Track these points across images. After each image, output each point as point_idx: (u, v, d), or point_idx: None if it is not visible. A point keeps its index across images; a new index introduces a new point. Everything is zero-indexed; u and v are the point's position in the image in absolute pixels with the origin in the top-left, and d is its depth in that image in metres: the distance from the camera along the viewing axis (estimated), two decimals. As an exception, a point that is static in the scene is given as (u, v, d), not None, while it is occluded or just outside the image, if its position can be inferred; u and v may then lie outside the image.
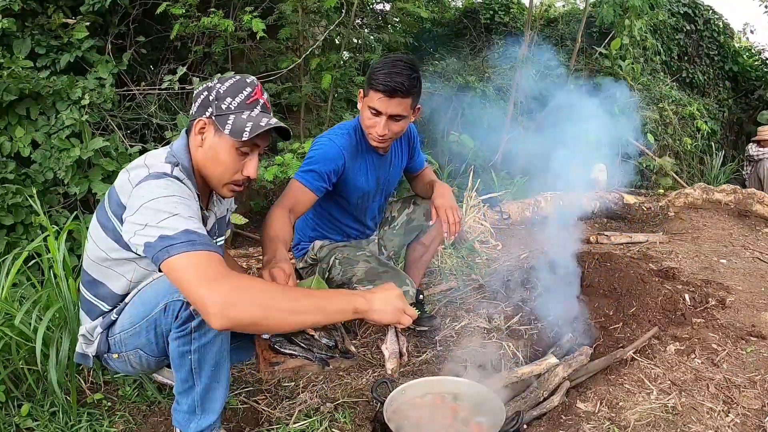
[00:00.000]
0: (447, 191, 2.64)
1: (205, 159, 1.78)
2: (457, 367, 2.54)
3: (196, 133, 1.78)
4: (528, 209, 5.21)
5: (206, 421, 1.84)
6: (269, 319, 1.48)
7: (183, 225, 1.54)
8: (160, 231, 1.52)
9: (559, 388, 2.32)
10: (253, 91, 1.77)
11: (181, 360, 1.71)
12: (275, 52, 4.56)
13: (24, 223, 3.34)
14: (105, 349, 1.83)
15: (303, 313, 1.54)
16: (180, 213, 1.57)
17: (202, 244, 1.52)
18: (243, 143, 1.73)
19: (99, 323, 1.84)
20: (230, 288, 1.44)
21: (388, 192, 2.82)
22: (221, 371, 1.78)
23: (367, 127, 2.40)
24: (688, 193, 5.81)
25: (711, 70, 7.92)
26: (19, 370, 2.19)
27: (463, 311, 3.14)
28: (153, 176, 1.66)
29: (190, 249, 1.49)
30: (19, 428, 2.06)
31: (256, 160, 1.80)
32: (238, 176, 1.79)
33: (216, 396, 1.81)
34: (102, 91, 3.59)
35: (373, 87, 2.28)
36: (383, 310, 1.66)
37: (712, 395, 2.36)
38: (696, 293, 3.25)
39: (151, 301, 1.70)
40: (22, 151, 3.40)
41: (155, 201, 1.58)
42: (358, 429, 2.13)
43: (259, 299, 1.47)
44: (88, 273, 1.84)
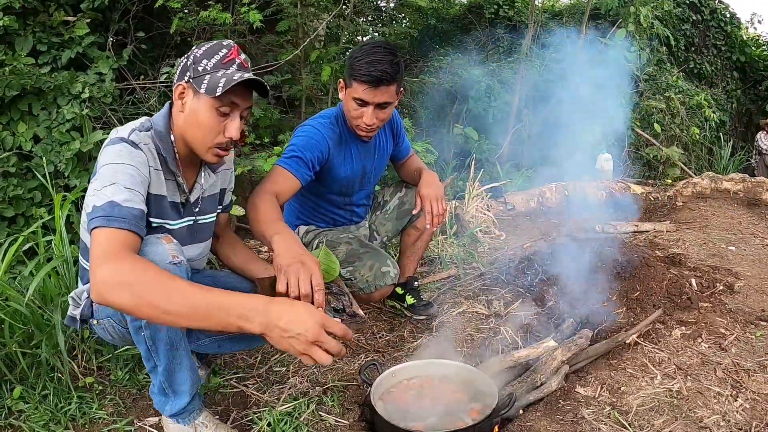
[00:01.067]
0: (434, 179, 2.59)
1: (186, 124, 1.76)
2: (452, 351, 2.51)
3: (176, 99, 1.77)
4: (533, 200, 5.17)
5: (179, 402, 1.83)
6: (140, 312, 1.40)
7: (111, 195, 1.54)
8: (95, 200, 1.55)
9: (557, 372, 2.28)
10: (229, 52, 1.75)
11: (137, 336, 1.70)
12: (275, 46, 4.56)
13: (25, 215, 3.37)
14: (89, 314, 1.82)
15: (174, 314, 1.37)
16: (117, 182, 1.57)
17: (118, 219, 1.51)
18: (220, 102, 1.70)
19: (86, 288, 1.83)
20: (113, 274, 1.39)
21: (375, 179, 2.79)
22: (179, 353, 1.74)
23: (353, 118, 2.36)
24: (696, 183, 5.73)
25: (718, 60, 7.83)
26: (13, 353, 2.19)
27: (462, 298, 3.11)
28: (111, 142, 1.67)
29: (103, 224, 1.50)
30: (11, 411, 2.06)
31: (238, 120, 1.76)
32: (221, 138, 1.75)
33: (181, 378, 1.79)
34: (102, 85, 3.61)
35: (357, 78, 2.24)
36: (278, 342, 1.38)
37: (719, 379, 2.31)
38: (703, 278, 3.20)
39: None
40: (24, 145, 3.43)
41: (103, 168, 1.61)
42: (346, 412, 2.10)
43: (136, 291, 1.37)
44: (82, 240, 1.85)
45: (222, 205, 2.12)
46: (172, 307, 1.36)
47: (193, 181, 1.92)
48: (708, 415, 2.08)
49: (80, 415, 2.07)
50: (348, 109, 2.36)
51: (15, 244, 2.42)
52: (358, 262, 2.46)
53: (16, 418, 2.04)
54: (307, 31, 4.48)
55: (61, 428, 1.99)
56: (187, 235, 1.90)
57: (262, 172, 3.57)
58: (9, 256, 2.39)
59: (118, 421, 2.04)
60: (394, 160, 2.85)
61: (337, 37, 5.04)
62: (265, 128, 4.31)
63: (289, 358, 2.50)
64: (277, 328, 1.36)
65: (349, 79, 2.28)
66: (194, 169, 1.92)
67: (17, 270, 2.75)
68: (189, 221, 1.92)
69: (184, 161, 1.85)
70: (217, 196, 2.04)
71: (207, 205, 1.98)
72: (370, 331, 2.79)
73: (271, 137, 4.26)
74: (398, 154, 2.81)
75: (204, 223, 1.98)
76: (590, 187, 5.41)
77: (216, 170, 2.00)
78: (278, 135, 4.18)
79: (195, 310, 1.36)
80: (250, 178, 4.12)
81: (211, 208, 2.02)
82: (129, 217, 1.54)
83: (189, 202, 1.89)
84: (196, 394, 1.87)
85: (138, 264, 1.44)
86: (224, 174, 2.07)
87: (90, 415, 2.07)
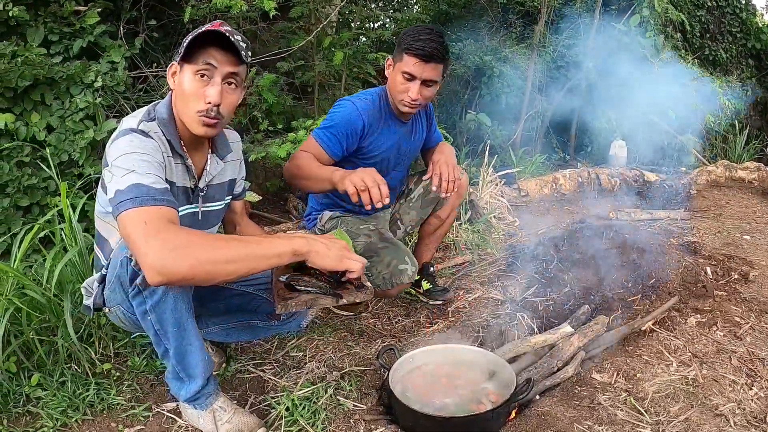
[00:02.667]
0: (448, 149, 2.61)
1: (176, 100, 1.76)
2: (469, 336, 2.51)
3: (169, 79, 1.78)
4: (546, 186, 5.14)
5: (193, 386, 1.84)
6: (203, 272, 1.47)
7: (135, 179, 1.55)
8: (116, 186, 1.55)
9: (574, 358, 2.28)
10: (211, 25, 1.70)
11: (144, 321, 1.72)
12: (288, 32, 4.54)
13: (40, 204, 3.38)
14: (101, 303, 1.84)
15: (238, 261, 1.51)
16: (136, 169, 1.57)
17: (150, 198, 1.53)
18: (196, 65, 1.68)
19: (97, 277, 1.85)
20: (164, 243, 1.44)
21: (408, 162, 2.79)
22: (188, 333, 1.76)
23: (399, 92, 2.40)
24: (710, 171, 5.68)
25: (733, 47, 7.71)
26: (30, 341, 2.20)
27: (477, 284, 3.11)
28: (121, 133, 1.67)
29: (135, 205, 1.50)
30: (29, 398, 2.08)
31: (218, 85, 1.71)
32: (202, 105, 1.71)
33: (193, 360, 1.81)
34: (115, 74, 3.61)
35: (410, 51, 2.31)
36: (325, 254, 1.66)
37: (734, 368, 2.31)
38: (718, 267, 3.18)
39: (117, 257, 1.70)
40: (37, 135, 3.44)
41: (118, 159, 1.60)
42: (363, 397, 2.11)
43: (192, 253, 1.45)
44: (97, 228, 1.88)
45: (234, 194, 2.12)
46: (234, 255, 1.51)
47: (201, 167, 1.92)
48: (723, 403, 2.07)
49: (98, 401, 2.08)
50: (395, 83, 2.41)
51: (30, 233, 2.43)
52: (375, 257, 2.44)
53: (34, 405, 2.05)
54: (319, 17, 4.45)
55: (79, 414, 2.01)
56: (192, 222, 1.90)
57: (275, 158, 3.56)
58: (25, 245, 2.40)
59: (136, 407, 2.06)
60: (424, 149, 2.84)
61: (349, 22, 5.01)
62: (278, 114, 4.30)
63: (305, 343, 2.51)
64: (320, 243, 1.66)
65: (401, 53, 2.35)
66: (202, 155, 1.92)
67: (33, 258, 2.77)
68: (193, 208, 1.92)
69: (189, 145, 1.84)
70: (225, 185, 2.04)
71: (214, 192, 1.98)
72: (386, 317, 2.79)
73: (284, 123, 4.25)
74: (429, 142, 2.80)
75: (208, 210, 1.98)
76: (604, 174, 5.37)
77: (224, 158, 1.98)
78: (291, 121, 4.16)
79: (254, 255, 1.54)
80: (264, 165, 4.13)
81: (219, 196, 2.01)
82: (158, 195, 1.55)
83: (197, 188, 1.90)
84: (210, 377, 1.88)
85: (182, 231, 1.50)
86: (233, 164, 2.07)
87: (108, 401, 2.08)
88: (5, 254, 2.81)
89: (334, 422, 1.96)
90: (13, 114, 3.40)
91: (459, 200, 2.84)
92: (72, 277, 2.35)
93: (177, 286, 1.65)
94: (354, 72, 4.76)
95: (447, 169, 2.46)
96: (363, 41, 4.96)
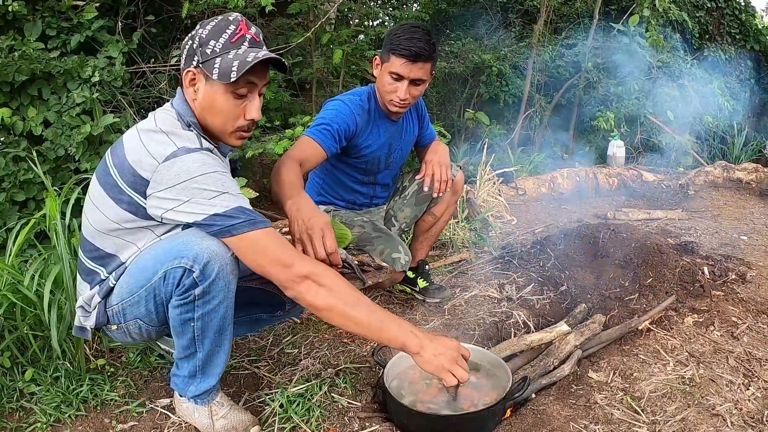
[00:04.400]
0: (441, 148, 2.60)
1: (203, 111, 1.69)
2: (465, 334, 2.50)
3: (187, 86, 1.69)
4: (544, 185, 5.14)
5: (206, 384, 1.83)
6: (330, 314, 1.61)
7: (234, 202, 1.56)
8: (211, 209, 1.54)
9: (570, 356, 2.27)
10: (237, 28, 1.64)
11: (183, 327, 1.68)
12: (286, 29, 4.53)
13: (36, 199, 3.36)
14: (104, 321, 1.77)
15: (361, 326, 1.64)
16: (230, 191, 1.57)
17: (260, 221, 1.58)
18: (236, 85, 1.63)
19: (97, 291, 1.77)
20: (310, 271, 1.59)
21: (401, 161, 2.78)
22: (224, 336, 1.75)
23: (387, 93, 2.39)
24: (708, 171, 5.68)
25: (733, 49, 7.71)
26: (24, 336, 2.19)
27: (474, 282, 3.10)
28: (183, 151, 1.58)
29: (253, 228, 1.56)
30: (23, 393, 2.07)
31: (257, 100, 1.70)
32: (242, 122, 1.69)
33: (218, 361, 1.80)
34: (112, 69, 3.59)
35: (396, 52, 2.30)
36: (429, 361, 1.68)
37: (731, 368, 2.31)
38: (715, 267, 3.18)
39: (149, 269, 1.63)
40: (34, 129, 3.43)
41: (198, 179, 1.54)
42: (358, 394, 2.10)
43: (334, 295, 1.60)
44: (91, 242, 1.76)
45: None
46: (359, 318, 1.62)
47: None
48: (720, 403, 2.07)
49: (92, 397, 2.07)
50: (383, 84, 2.39)
51: (26, 228, 2.41)
52: (369, 246, 2.45)
53: (27, 401, 2.04)
54: (318, 14, 4.44)
55: (72, 410, 1.99)
56: None
57: (273, 155, 3.55)
58: (20, 240, 2.38)
59: (129, 403, 2.05)
60: (419, 147, 2.83)
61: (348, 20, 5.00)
62: (275, 111, 4.29)
63: (301, 340, 2.51)
64: (431, 348, 1.67)
65: (387, 54, 2.33)
66: None
67: (28, 253, 2.75)
68: None
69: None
70: None
71: None
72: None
73: (281, 120, 4.25)
74: (423, 139, 2.80)
75: None
76: (602, 174, 5.37)
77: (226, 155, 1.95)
78: (289, 118, 4.16)
79: (377, 324, 1.65)
80: (261, 162, 4.12)
81: None
82: (264, 218, 1.60)
83: None
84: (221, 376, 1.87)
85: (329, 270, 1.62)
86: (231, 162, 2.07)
87: (101, 396, 2.07)
88: (0, 249, 2.79)
89: (329, 419, 1.95)
90: (10, 108, 3.38)
91: (455, 198, 2.83)
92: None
93: (232, 294, 1.68)
94: (352, 69, 4.75)
95: (440, 169, 2.47)
96: (362, 39, 4.95)
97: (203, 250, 1.56)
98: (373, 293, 2.98)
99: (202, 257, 1.56)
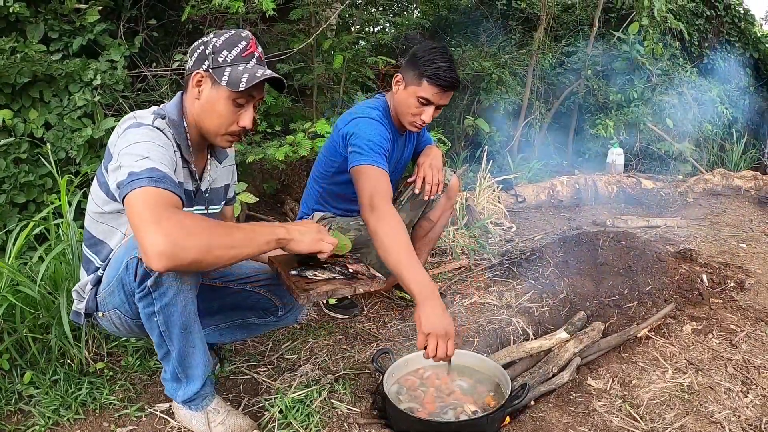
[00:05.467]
0: (434, 152, 2.63)
1: (202, 111, 1.80)
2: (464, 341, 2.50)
3: (193, 86, 1.79)
4: (543, 192, 5.15)
5: (192, 388, 1.84)
6: (209, 256, 1.50)
7: (151, 164, 1.56)
8: (129, 169, 1.54)
9: (569, 364, 2.27)
10: (248, 45, 1.79)
11: (149, 323, 1.71)
12: (287, 34, 4.54)
13: (36, 202, 3.37)
14: (93, 307, 1.84)
15: (238, 246, 1.57)
16: (150, 156, 1.58)
17: (167, 182, 1.54)
18: (239, 94, 1.75)
19: (90, 279, 1.84)
20: (174, 228, 1.44)
21: (401, 172, 2.80)
22: (193, 335, 1.76)
23: (411, 114, 2.41)
24: (707, 179, 5.69)
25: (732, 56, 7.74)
26: (23, 338, 2.19)
27: (473, 289, 3.10)
28: (133, 126, 1.69)
29: (151, 184, 1.51)
30: (21, 395, 2.07)
31: (252, 110, 1.81)
32: (234, 127, 1.81)
33: (195, 362, 1.81)
34: (114, 73, 3.60)
35: (431, 80, 2.31)
36: (301, 240, 1.73)
37: (730, 375, 2.31)
38: (714, 275, 3.19)
39: (119, 259, 1.70)
40: (35, 132, 3.44)
41: (132, 146, 1.61)
42: (358, 400, 2.10)
43: (201, 238, 1.48)
44: (88, 230, 1.87)
45: (226, 198, 2.15)
46: (235, 241, 1.57)
47: (201, 170, 1.95)
48: (719, 410, 2.07)
49: (90, 400, 2.07)
50: (407, 105, 2.40)
51: (26, 230, 2.43)
52: (365, 249, 2.47)
53: (26, 403, 2.05)
54: (319, 20, 4.45)
55: (71, 413, 2.00)
56: None
57: (273, 160, 3.55)
58: (20, 242, 2.39)
59: (128, 407, 2.05)
60: (414, 152, 2.83)
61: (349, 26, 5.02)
62: (276, 116, 4.30)
63: (300, 345, 2.50)
64: (296, 231, 1.73)
65: (419, 79, 2.34)
66: (202, 159, 1.95)
67: (28, 256, 2.76)
68: (201, 210, 1.95)
69: (194, 149, 1.87)
70: (221, 190, 2.08)
71: (214, 196, 2.03)
72: (381, 320, 2.79)
73: (282, 125, 4.25)
74: (419, 146, 2.81)
75: (213, 213, 2.02)
76: (601, 181, 5.38)
77: (222, 162, 2.03)
78: (289, 123, 4.16)
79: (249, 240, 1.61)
80: (261, 166, 4.12)
81: (217, 200, 2.06)
82: (173, 184, 1.57)
83: (200, 190, 1.92)
84: (207, 379, 1.88)
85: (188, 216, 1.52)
86: (227, 169, 2.11)
87: (100, 400, 2.07)
88: (0, 250, 2.80)
89: (328, 425, 1.95)
90: (11, 110, 3.39)
91: (450, 203, 2.84)
92: (66, 274, 2.34)
93: (187, 287, 1.66)
94: (353, 75, 4.76)
95: (431, 172, 2.50)
96: (362, 45, 4.96)
97: None
98: (372, 299, 2.99)
99: None
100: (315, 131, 3.59)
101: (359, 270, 1.89)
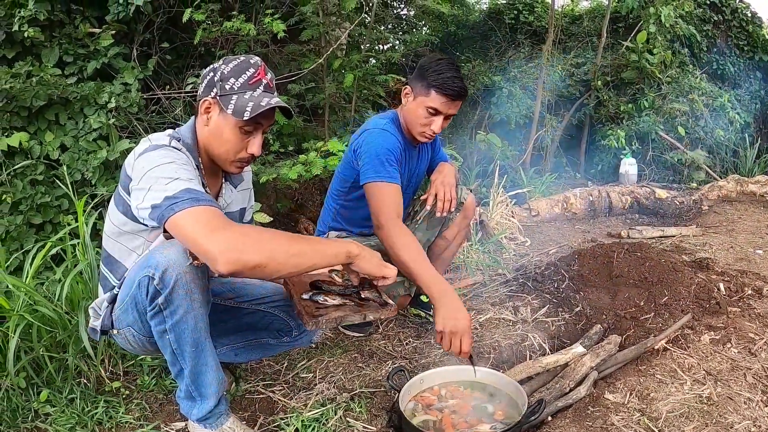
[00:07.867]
0: (447, 169, 2.65)
1: (210, 137, 1.82)
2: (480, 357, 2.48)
3: (202, 113, 1.82)
4: (557, 206, 5.13)
5: (206, 406, 1.84)
6: (272, 261, 1.53)
7: (184, 185, 1.58)
8: (164, 193, 1.56)
9: (586, 378, 2.25)
10: (256, 72, 1.79)
11: (162, 340, 1.73)
12: (298, 55, 4.59)
13: (52, 222, 3.42)
14: (109, 324, 1.86)
15: (302, 255, 1.60)
16: (180, 177, 1.60)
17: (206, 200, 1.57)
18: (245, 123, 1.76)
19: (107, 297, 1.87)
20: (234, 234, 1.51)
21: (415, 187, 2.80)
22: (205, 353, 1.77)
23: (421, 125, 2.43)
24: (721, 186, 5.65)
25: (741, 61, 7.69)
26: (40, 357, 2.21)
27: (488, 305, 3.09)
28: (152, 147, 1.71)
29: (194, 204, 1.53)
30: (38, 413, 2.09)
31: (260, 138, 1.83)
32: (243, 154, 1.83)
33: (208, 380, 1.82)
34: (128, 95, 3.66)
35: (439, 90, 2.34)
36: (370, 260, 1.79)
37: (749, 385, 2.27)
38: (731, 283, 3.14)
39: (132, 278, 1.72)
40: (51, 154, 3.49)
41: (156, 168, 1.63)
42: (373, 418, 2.09)
43: (263, 243, 1.53)
44: (105, 249, 1.89)
45: (242, 222, 2.16)
46: (300, 249, 1.61)
47: (216, 194, 1.97)
48: (739, 421, 2.04)
49: (107, 419, 2.08)
50: (416, 116, 2.43)
51: (43, 250, 2.46)
52: None
53: (42, 421, 2.06)
54: (329, 39, 4.50)
55: (87, 432, 2.00)
56: None
57: (286, 180, 3.58)
58: (37, 262, 2.42)
59: (144, 426, 2.05)
60: (429, 170, 2.84)
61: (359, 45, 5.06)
62: (288, 136, 4.33)
63: (316, 364, 2.50)
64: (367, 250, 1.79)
65: (427, 89, 2.36)
66: (216, 182, 1.98)
67: (45, 276, 2.79)
68: None
69: (207, 173, 1.90)
70: (236, 214, 2.09)
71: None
72: (396, 338, 2.78)
73: (295, 145, 4.28)
74: (433, 163, 2.82)
75: None
76: (614, 192, 5.35)
77: (237, 186, 2.05)
78: (302, 143, 4.19)
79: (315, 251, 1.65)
80: (275, 186, 4.14)
81: None
82: (211, 199, 1.60)
83: None
84: (222, 397, 1.88)
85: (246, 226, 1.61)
86: (244, 193, 2.13)
87: (116, 419, 2.08)
88: (18, 270, 2.84)
89: (344, 443, 1.95)
90: (28, 133, 3.46)
91: (466, 221, 2.83)
92: (83, 294, 2.37)
93: (198, 305, 1.68)
94: (364, 94, 4.79)
95: (443, 189, 2.51)
96: (373, 63, 5.00)
97: (162, 258, 1.62)
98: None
99: (161, 265, 1.61)
100: (327, 150, 3.61)
101: (370, 297, 1.89)
